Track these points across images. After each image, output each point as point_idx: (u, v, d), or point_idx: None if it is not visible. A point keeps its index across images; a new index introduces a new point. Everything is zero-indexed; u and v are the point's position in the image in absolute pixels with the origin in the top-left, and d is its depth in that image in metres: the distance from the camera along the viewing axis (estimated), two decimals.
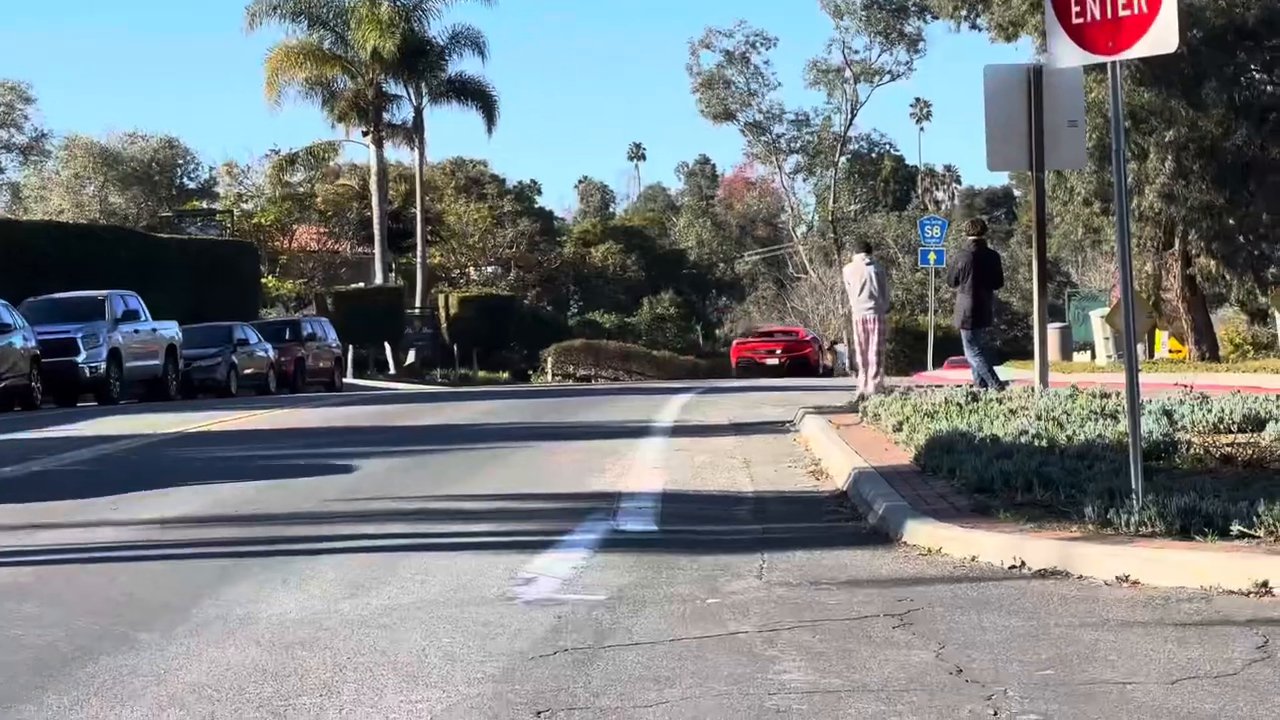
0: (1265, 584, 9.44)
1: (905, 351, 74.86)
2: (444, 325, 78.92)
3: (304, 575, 11.26)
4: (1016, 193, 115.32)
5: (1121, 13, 11.17)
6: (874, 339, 29.71)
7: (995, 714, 6.95)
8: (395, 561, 11.86)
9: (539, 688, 7.58)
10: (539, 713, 7.08)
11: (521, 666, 8.09)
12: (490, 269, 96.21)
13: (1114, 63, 11.67)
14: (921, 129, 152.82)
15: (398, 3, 73.95)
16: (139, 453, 22.40)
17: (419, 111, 77.95)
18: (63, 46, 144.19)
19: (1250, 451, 14.75)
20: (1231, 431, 16.62)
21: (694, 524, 13.73)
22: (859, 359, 30.53)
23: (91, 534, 13.75)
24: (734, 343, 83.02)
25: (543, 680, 7.75)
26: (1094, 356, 62.58)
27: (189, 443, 24.26)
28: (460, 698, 7.44)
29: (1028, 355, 35.38)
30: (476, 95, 77.96)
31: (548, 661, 8.18)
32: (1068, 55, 11.96)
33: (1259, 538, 10.17)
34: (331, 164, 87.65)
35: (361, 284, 77.96)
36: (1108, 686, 7.50)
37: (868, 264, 30.00)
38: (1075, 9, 11.41)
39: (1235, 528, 10.36)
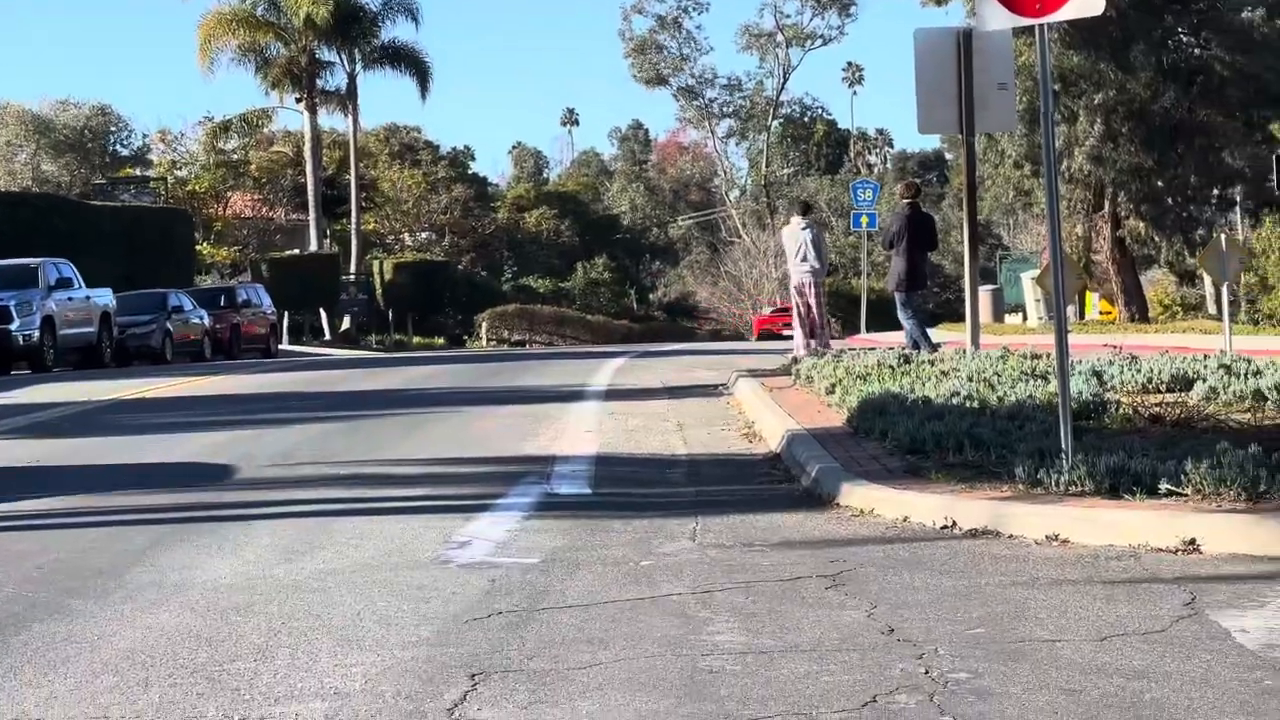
0: (1192, 541, 9.53)
1: (838, 314, 75.15)
2: (379, 291, 78.79)
3: (238, 541, 11.24)
4: (948, 156, 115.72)
5: None
6: (812, 303, 29.65)
7: (926, 672, 6.99)
8: (330, 526, 11.85)
9: (474, 650, 7.59)
10: (473, 675, 7.08)
11: (456, 629, 8.10)
12: (424, 235, 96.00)
13: (1042, 25, 11.71)
14: (854, 93, 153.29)
15: None
16: (72, 420, 22.29)
17: (352, 78, 77.74)
18: None
19: (1178, 411, 14.85)
20: (1160, 391, 16.73)
21: (628, 487, 13.75)
22: (799, 324, 30.42)
23: (25, 502, 13.70)
24: (755, 317, 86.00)
25: (477, 643, 7.76)
26: (1025, 318, 62.98)
27: (123, 410, 24.14)
28: (395, 661, 7.44)
29: (960, 317, 35.53)
30: (410, 62, 77.77)
31: (482, 624, 8.19)
32: (996, 18, 11.98)
33: (1186, 496, 10.25)
34: (265, 131, 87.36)
35: (296, 250, 77.76)
36: (1037, 644, 7.55)
37: (804, 228, 29.84)
38: None
39: (1163, 486, 10.44)
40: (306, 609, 8.76)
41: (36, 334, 39.60)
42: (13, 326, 38.87)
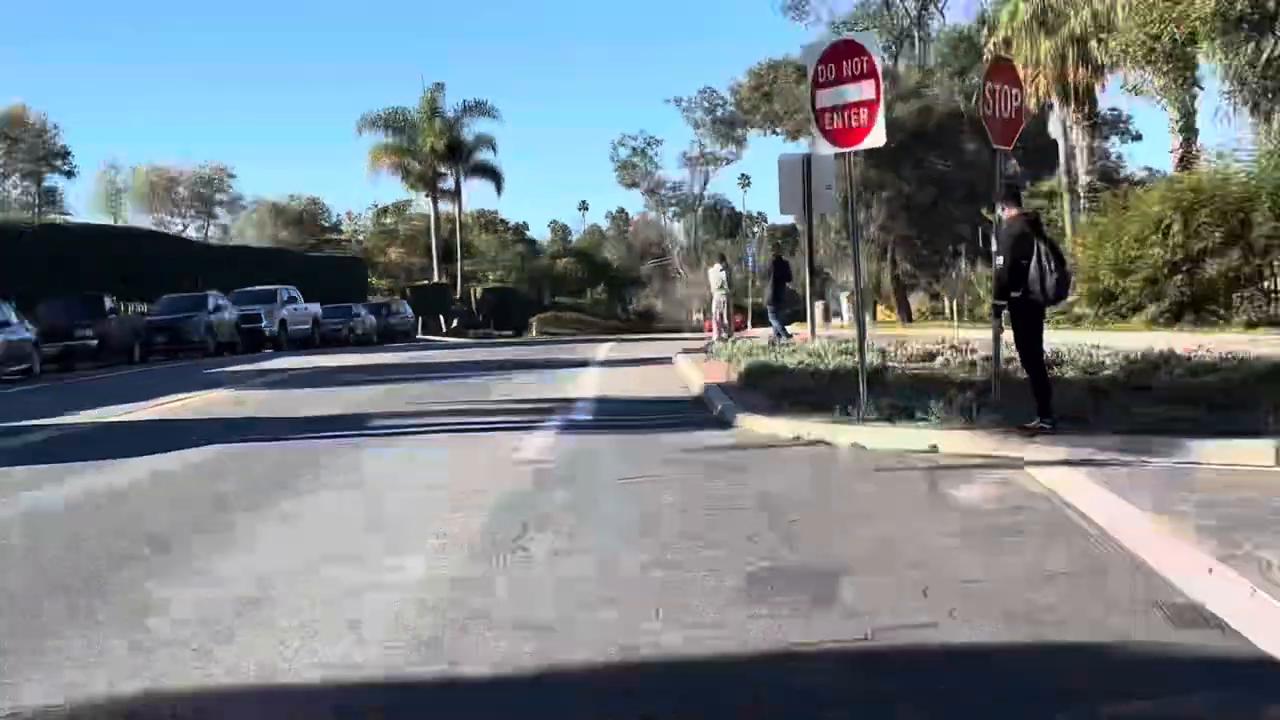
0: (934, 446, 9.60)
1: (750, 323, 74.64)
2: (474, 304, 78.45)
3: (385, 449, 11.27)
4: (799, 227, 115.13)
5: (852, 124, 11.21)
6: (724, 314, 30.24)
7: (779, 520, 7.06)
8: (441, 439, 11.87)
9: (527, 510, 7.64)
10: (525, 524, 7.14)
11: (515, 497, 8.14)
12: (499, 273, 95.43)
13: (849, 152, 11.75)
14: (745, 191, 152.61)
15: (445, 120, 73.95)
16: (297, 377, 22.21)
17: (458, 183, 77.21)
18: (250, 128, 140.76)
19: (928, 372, 14.89)
20: (918, 361, 16.76)
21: (616, 416, 13.76)
22: (715, 325, 30.78)
23: (256, 433, 13.67)
24: (707, 321, 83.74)
25: (529, 505, 7.81)
26: (843, 321, 62.89)
27: (331, 372, 24.07)
28: (481, 517, 7.50)
29: (803, 319, 35.46)
30: (491, 174, 77.52)
31: (531, 495, 8.23)
32: (825, 148, 12.00)
33: (931, 421, 10.31)
34: (407, 212, 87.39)
35: (425, 281, 77.43)
36: (845, 502, 7.64)
37: (720, 270, 30.76)
38: (827, 122, 11.46)
39: (918, 415, 10.52)
40: (428, 488, 8.81)
41: (276, 328, 39.96)
42: (263, 325, 39.31)
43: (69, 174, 75.55)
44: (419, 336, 59.33)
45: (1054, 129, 46.70)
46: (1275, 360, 13.99)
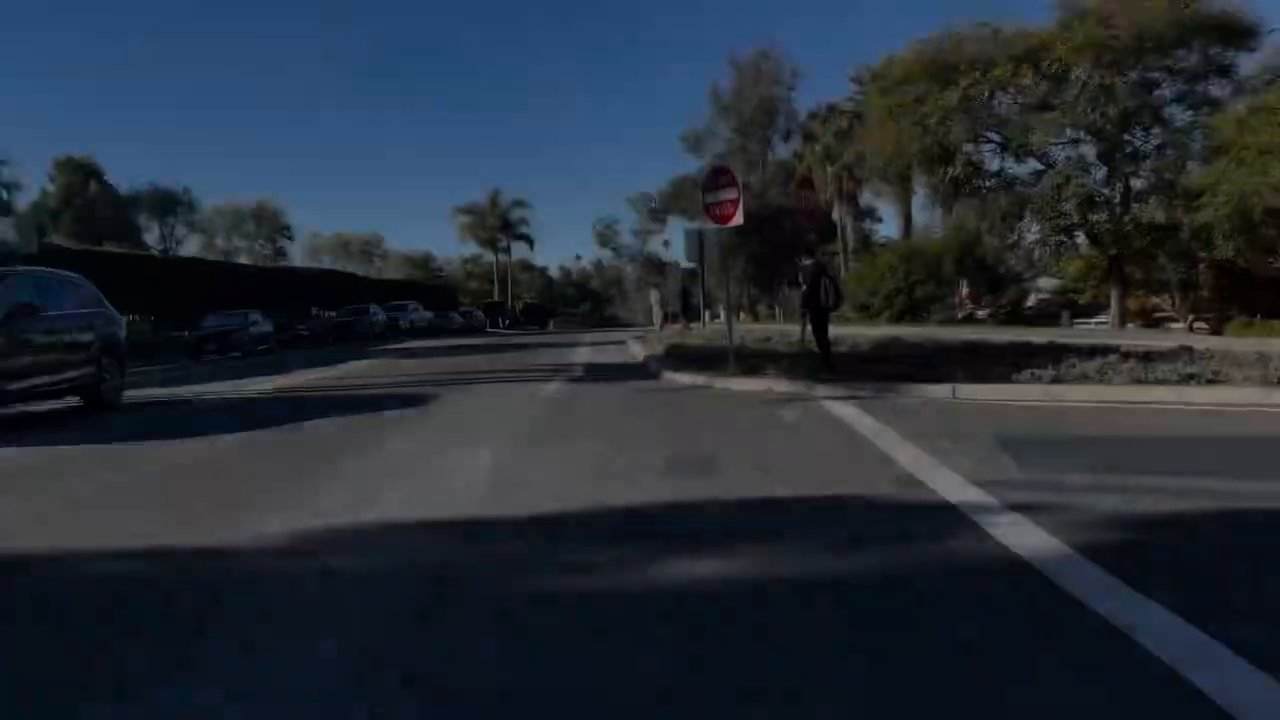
0: (770, 388, 9.57)
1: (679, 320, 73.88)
2: (517, 312, 77.66)
3: (469, 394, 11.09)
4: (696, 270, 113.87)
5: (725, 212, 11.19)
6: (659, 318, 30.33)
7: (683, 429, 7.03)
8: (504, 386, 11.69)
9: (546, 425, 7.53)
10: (543, 435, 7.05)
11: (541, 414, 8.02)
12: (531, 295, 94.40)
13: (724, 229, 11.70)
14: (667, 248, 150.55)
15: (500, 208, 73.72)
16: (418, 350, 21.84)
17: (508, 245, 76.77)
18: (391, 208, 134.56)
19: (767, 348, 14.86)
20: (764, 342, 16.68)
21: (595, 372, 13.61)
22: (656, 325, 30.83)
23: (402, 377, 13.44)
24: (660, 320, 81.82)
25: (547, 422, 7.68)
26: (720, 320, 62.67)
27: (436, 349, 23.70)
28: (523, 424, 7.40)
29: (699, 319, 35.45)
30: (527, 239, 77.08)
31: (545, 416, 8.10)
32: (711, 225, 11.98)
33: (770, 374, 10.28)
34: (480, 260, 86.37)
35: (490, 299, 76.60)
36: (719, 418, 7.59)
37: (656, 293, 31.12)
38: (711, 211, 11.43)
39: (762, 371, 10.49)
40: (494, 410, 8.68)
41: (408, 325, 39.59)
42: (400, 323, 38.96)
43: (290, 239, 74.25)
44: (487, 330, 58.77)
45: (835, 216, 46.98)
46: (952, 342, 14.17)
